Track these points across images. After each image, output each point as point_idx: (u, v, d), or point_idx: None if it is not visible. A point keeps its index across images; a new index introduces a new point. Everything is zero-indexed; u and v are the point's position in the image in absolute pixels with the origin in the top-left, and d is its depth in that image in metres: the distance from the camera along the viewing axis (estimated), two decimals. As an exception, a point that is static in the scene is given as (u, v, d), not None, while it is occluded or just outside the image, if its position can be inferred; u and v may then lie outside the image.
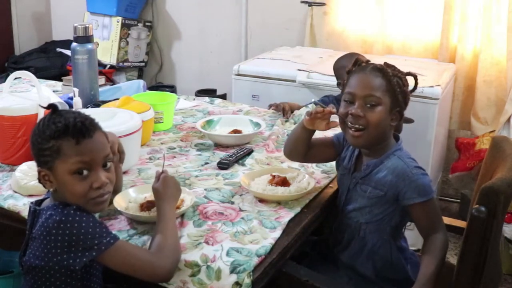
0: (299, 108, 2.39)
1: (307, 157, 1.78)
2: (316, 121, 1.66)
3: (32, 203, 1.40)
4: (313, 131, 1.72)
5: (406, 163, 1.60)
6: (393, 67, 1.64)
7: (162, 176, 1.48)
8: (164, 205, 1.43)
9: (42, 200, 1.41)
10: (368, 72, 1.62)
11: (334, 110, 1.65)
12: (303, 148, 1.75)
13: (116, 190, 1.55)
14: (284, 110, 2.37)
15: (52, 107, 1.34)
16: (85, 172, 1.30)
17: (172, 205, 1.46)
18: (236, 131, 2.12)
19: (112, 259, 1.29)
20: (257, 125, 2.17)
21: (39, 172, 1.33)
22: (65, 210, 1.28)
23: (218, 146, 2.05)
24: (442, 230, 1.60)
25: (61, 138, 1.28)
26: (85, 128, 1.29)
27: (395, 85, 1.60)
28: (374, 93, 1.59)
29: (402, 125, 1.90)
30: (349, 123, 1.61)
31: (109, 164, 1.35)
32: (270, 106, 2.48)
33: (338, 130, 1.72)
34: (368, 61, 1.69)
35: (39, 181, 1.35)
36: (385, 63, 1.66)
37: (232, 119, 2.25)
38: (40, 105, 1.34)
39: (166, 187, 1.46)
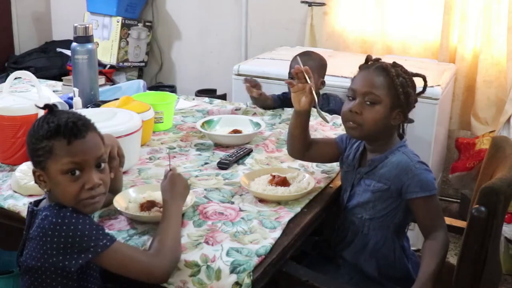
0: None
1: (309, 154, 1.78)
2: (298, 96, 1.66)
3: (31, 203, 1.40)
4: (306, 114, 1.71)
5: (410, 158, 1.62)
6: (400, 67, 1.65)
7: (169, 174, 1.48)
8: (169, 204, 1.43)
9: (40, 200, 1.41)
10: (372, 70, 1.64)
11: (300, 67, 1.64)
12: (300, 136, 1.75)
13: (116, 191, 1.55)
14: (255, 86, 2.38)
15: (48, 107, 1.34)
16: (77, 172, 1.30)
17: (179, 204, 1.45)
18: (236, 131, 2.12)
19: (108, 261, 1.29)
20: (257, 125, 2.17)
21: (34, 172, 1.34)
22: (61, 212, 1.28)
23: (218, 146, 2.05)
24: (443, 229, 1.60)
25: (53, 138, 1.28)
26: (76, 129, 1.29)
27: (397, 85, 1.60)
28: (374, 91, 1.60)
29: (405, 126, 1.89)
30: (347, 118, 1.63)
31: (103, 165, 1.35)
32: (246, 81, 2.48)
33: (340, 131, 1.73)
34: (378, 59, 1.69)
35: (35, 182, 1.36)
36: (393, 62, 1.67)
37: (232, 119, 2.25)
38: (36, 105, 1.34)
39: (173, 186, 1.46)
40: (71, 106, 2.11)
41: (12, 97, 1.90)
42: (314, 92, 1.65)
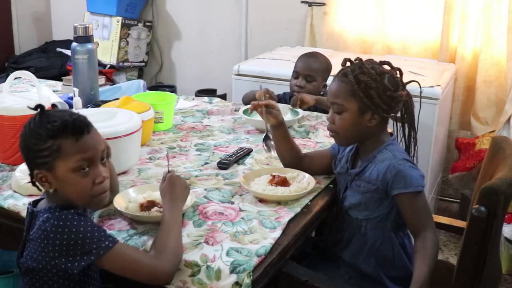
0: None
1: (304, 168, 1.79)
2: (267, 115, 1.78)
3: (30, 204, 1.40)
4: (281, 125, 1.80)
5: (395, 156, 1.63)
6: (363, 70, 1.62)
7: (168, 176, 1.47)
8: (169, 206, 1.42)
9: (39, 201, 1.40)
10: (337, 78, 1.67)
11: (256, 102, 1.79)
12: (288, 148, 1.81)
13: (114, 190, 1.55)
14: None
15: (40, 107, 1.32)
16: (86, 168, 1.30)
17: (178, 206, 1.44)
18: None
19: (110, 263, 1.28)
20: (295, 112, 2.29)
21: (35, 175, 1.31)
22: (63, 214, 1.27)
23: (217, 146, 2.06)
24: (431, 229, 1.60)
25: (60, 137, 1.27)
26: (83, 125, 1.30)
27: (357, 91, 1.60)
28: (336, 101, 1.65)
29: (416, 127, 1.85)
30: (327, 127, 1.71)
31: (105, 158, 1.37)
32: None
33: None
34: (356, 59, 1.69)
35: (33, 184, 1.34)
36: (361, 63, 1.65)
37: None
38: (28, 107, 1.33)
39: (172, 188, 1.45)
40: (71, 106, 2.12)
41: (12, 97, 1.90)
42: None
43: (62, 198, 1.32)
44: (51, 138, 1.27)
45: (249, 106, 2.28)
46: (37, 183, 1.33)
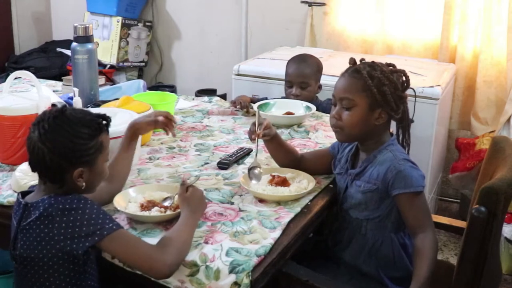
0: (252, 101, 2.54)
1: (303, 168, 1.79)
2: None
3: (20, 196, 1.40)
4: (274, 137, 1.79)
5: (395, 156, 1.62)
6: (376, 66, 1.64)
7: (191, 188, 1.47)
8: (189, 212, 1.42)
9: (26, 194, 1.41)
10: (347, 74, 1.66)
11: (259, 132, 1.74)
12: (283, 154, 1.82)
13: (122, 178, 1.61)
14: (243, 105, 2.46)
15: (63, 107, 1.38)
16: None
17: (197, 218, 1.45)
18: (289, 113, 2.33)
19: (112, 245, 1.30)
20: (308, 108, 2.36)
21: (76, 173, 1.33)
22: (68, 198, 1.31)
23: (217, 146, 2.06)
24: (430, 229, 1.60)
25: (101, 133, 1.37)
26: (109, 119, 1.40)
27: (371, 86, 1.60)
28: (347, 96, 1.63)
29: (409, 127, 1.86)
30: (331, 123, 1.70)
31: None
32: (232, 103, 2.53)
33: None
34: (362, 59, 1.70)
35: (68, 183, 1.34)
36: (371, 62, 1.67)
37: (286, 102, 2.46)
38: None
39: (196, 199, 1.46)
40: (71, 106, 2.11)
41: (12, 97, 1.90)
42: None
43: (68, 191, 1.35)
44: (96, 137, 1.35)
45: (262, 102, 2.40)
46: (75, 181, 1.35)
